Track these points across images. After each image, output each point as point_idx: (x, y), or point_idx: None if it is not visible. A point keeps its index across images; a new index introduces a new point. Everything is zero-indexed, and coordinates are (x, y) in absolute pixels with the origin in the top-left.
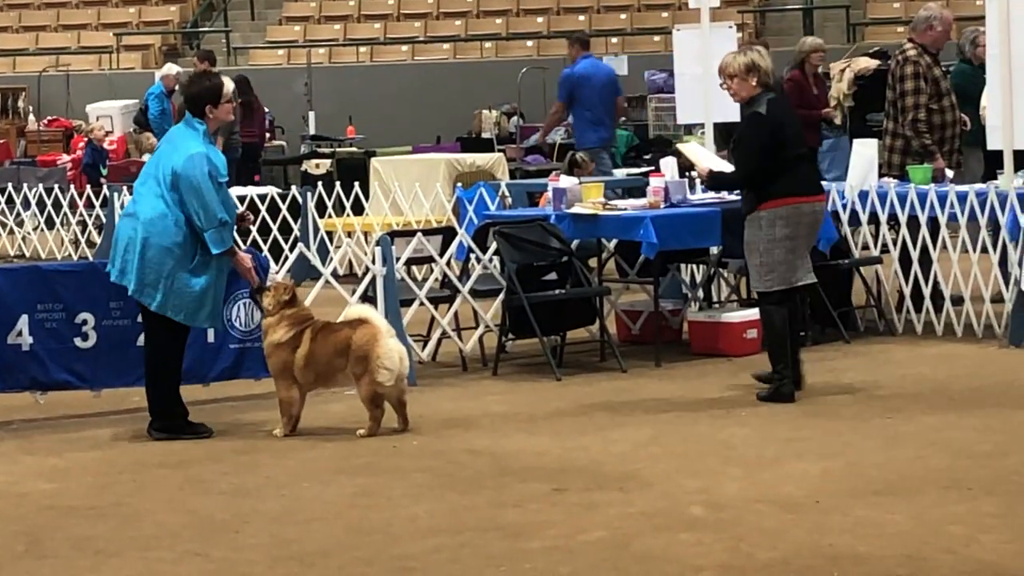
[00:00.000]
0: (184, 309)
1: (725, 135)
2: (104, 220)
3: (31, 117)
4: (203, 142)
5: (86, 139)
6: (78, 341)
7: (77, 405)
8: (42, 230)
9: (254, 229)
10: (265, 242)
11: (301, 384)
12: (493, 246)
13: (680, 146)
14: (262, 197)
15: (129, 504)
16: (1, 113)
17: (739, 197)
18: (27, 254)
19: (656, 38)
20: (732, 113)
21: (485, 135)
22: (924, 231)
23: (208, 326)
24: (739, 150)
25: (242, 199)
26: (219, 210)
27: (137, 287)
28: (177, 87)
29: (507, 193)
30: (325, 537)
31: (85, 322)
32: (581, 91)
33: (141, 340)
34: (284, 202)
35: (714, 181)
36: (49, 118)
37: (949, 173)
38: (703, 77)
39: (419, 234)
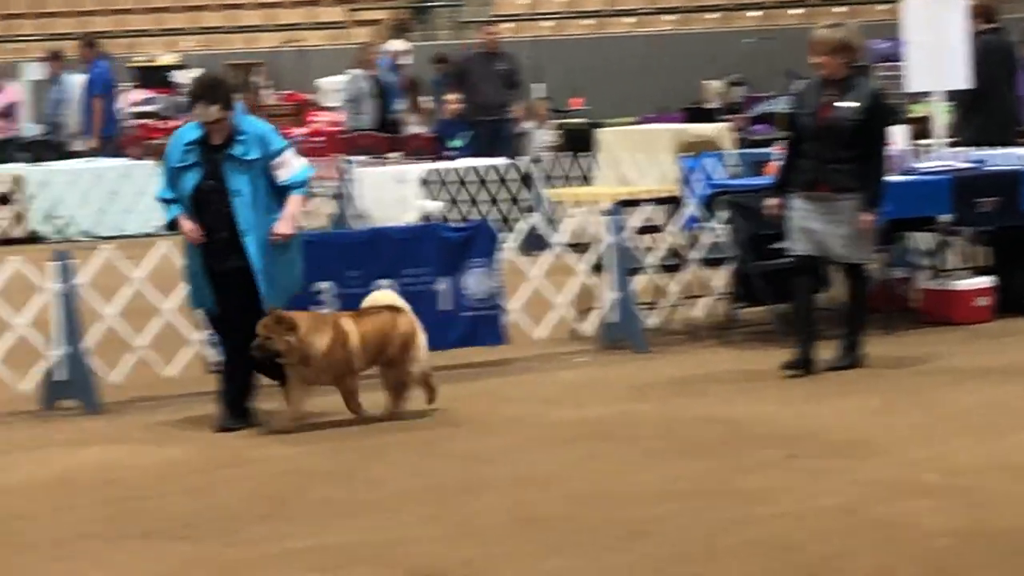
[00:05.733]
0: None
1: (964, 103)
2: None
3: (266, 91)
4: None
5: None
6: None
7: None
8: None
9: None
10: (499, 213)
11: (358, 370)
12: (722, 215)
13: None
14: (496, 168)
15: (366, 469)
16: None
17: (972, 165)
18: None
19: (880, 7)
20: (963, 80)
21: (710, 105)
22: None
23: (195, 307)
24: (881, 131)
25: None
26: (161, 189)
27: None
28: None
29: (734, 163)
30: (558, 501)
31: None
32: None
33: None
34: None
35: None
36: (284, 92)
37: None
38: (934, 45)
39: (648, 203)
